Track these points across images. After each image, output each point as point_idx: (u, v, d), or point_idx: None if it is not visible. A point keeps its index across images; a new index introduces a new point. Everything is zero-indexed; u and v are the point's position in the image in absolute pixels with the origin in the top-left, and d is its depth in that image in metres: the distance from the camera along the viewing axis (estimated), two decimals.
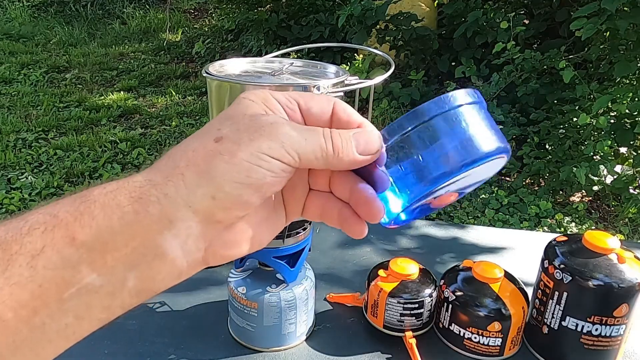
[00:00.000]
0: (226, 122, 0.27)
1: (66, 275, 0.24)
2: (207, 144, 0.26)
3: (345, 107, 0.30)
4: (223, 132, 0.27)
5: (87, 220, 0.25)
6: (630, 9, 2.46)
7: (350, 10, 3.55)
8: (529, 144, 2.96)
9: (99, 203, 0.25)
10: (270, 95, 0.29)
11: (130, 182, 0.26)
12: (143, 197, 0.25)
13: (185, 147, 0.27)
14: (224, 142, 0.26)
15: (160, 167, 0.27)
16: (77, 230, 0.25)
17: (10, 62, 5.00)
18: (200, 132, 0.28)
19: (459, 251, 1.05)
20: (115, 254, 0.25)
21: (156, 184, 0.26)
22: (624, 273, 0.67)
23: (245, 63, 0.77)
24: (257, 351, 0.76)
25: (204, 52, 5.19)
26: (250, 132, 0.26)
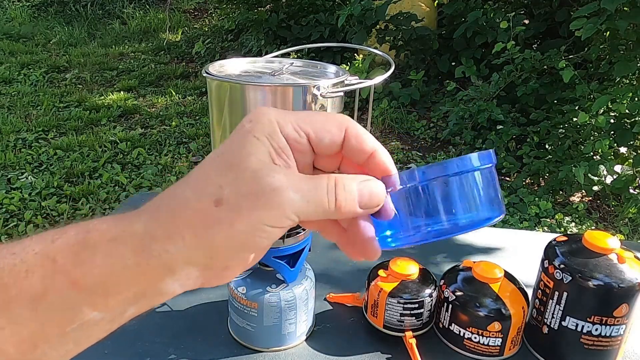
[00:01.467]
0: (227, 176, 0.26)
1: (68, 314, 0.26)
2: (207, 207, 0.26)
3: (357, 132, 0.29)
4: (224, 193, 0.26)
5: (89, 268, 0.25)
6: (630, 9, 2.46)
7: (350, 10, 3.55)
8: (528, 144, 2.96)
9: (100, 252, 0.26)
10: (277, 129, 0.27)
11: (130, 231, 0.26)
12: (145, 250, 0.26)
13: (183, 203, 0.26)
14: (224, 208, 0.26)
15: (158, 218, 0.27)
16: (78, 277, 0.25)
17: (10, 62, 5.00)
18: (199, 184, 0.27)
19: (459, 251, 1.05)
20: (118, 297, 0.26)
21: (157, 239, 0.26)
22: (624, 273, 0.67)
23: (245, 63, 0.77)
24: (257, 351, 0.76)
25: (204, 52, 5.19)
26: (251, 200, 0.26)
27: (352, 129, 0.29)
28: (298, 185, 0.27)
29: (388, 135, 3.59)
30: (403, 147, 3.42)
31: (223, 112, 0.71)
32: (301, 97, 0.67)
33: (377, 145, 0.30)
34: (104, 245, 0.26)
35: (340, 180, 0.28)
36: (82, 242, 0.26)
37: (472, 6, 3.59)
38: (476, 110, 3.16)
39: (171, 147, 3.41)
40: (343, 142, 0.29)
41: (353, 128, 0.29)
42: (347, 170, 0.31)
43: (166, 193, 0.28)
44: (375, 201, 0.29)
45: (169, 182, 2.94)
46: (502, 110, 3.12)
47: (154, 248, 0.26)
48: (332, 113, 0.30)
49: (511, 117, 3.17)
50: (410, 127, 3.64)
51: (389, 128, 3.66)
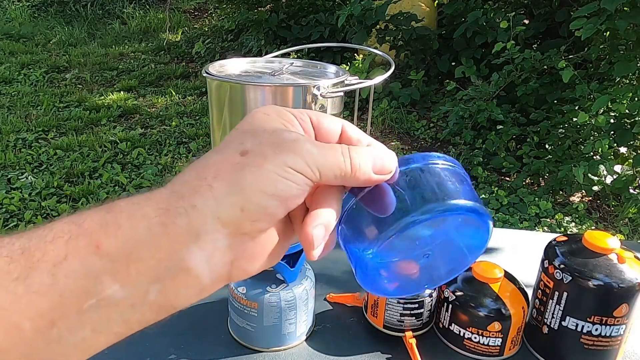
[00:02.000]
0: (247, 136, 0.28)
1: (87, 285, 0.24)
2: (233, 156, 0.27)
3: (354, 127, 0.31)
4: (247, 146, 0.27)
5: (113, 229, 0.25)
6: (630, 9, 2.46)
7: (350, 10, 3.55)
8: (528, 144, 2.96)
9: (125, 213, 0.25)
10: (282, 108, 0.30)
11: (156, 193, 0.26)
12: (170, 208, 0.25)
13: (209, 161, 0.27)
14: (250, 155, 0.27)
15: (185, 179, 0.27)
16: (101, 239, 0.24)
17: (10, 62, 5.00)
18: (222, 147, 0.28)
19: None
20: (140, 265, 0.25)
21: (183, 195, 0.26)
22: (624, 273, 0.67)
23: (245, 63, 0.78)
24: (257, 351, 0.76)
25: (204, 52, 5.19)
26: (274, 147, 0.27)
27: (349, 124, 0.31)
28: (316, 143, 0.28)
29: (388, 135, 3.59)
30: (403, 147, 3.42)
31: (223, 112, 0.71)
32: (301, 97, 0.67)
33: (374, 140, 0.31)
34: (130, 207, 0.26)
35: (352, 147, 0.29)
36: (110, 206, 0.26)
37: (472, 6, 3.59)
38: (476, 110, 3.16)
39: (171, 147, 3.41)
40: (341, 135, 0.31)
41: (349, 124, 0.31)
42: None
43: (191, 164, 0.28)
44: (388, 167, 0.30)
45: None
46: (502, 110, 3.12)
47: (180, 204, 0.25)
48: None
49: (511, 117, 3.17)
50: (410, 127, 3.64)
51: (389, 128, 3.67)
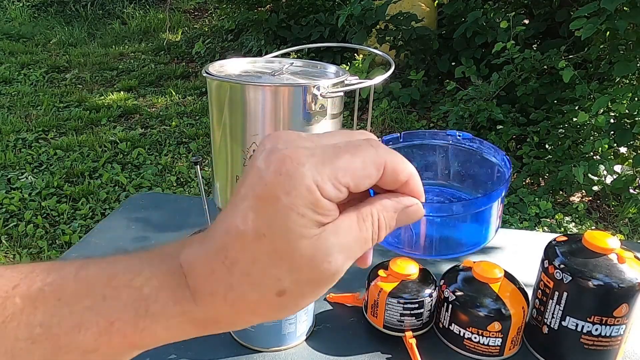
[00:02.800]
0: (282, 266, 0.25)
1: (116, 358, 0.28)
2: (271, 299, 0.26)
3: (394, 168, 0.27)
4: (285, 284, 0.26)
5: (148, 335, 0.27)
6: (629, 9, 2.46)
7: (350, 10, 3.55)
8: (528, 144, 2.96)
9: (162, 325, 0.27)
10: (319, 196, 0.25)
11: (192, 317, 0.27)
12: (208, 328, 0.28)
13: (244, 296, 0.26)
14: (287, 296, 0.26)
15: (217, 307, 0.27)
16: (136, 340, 0.27)
17: (10, 62, 5.00)
18: (253, 276, 0.26)
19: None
20: None
21: (220, 322, 0.28)
22: (624, 273, 0.67)
23: (245, 63, 0.78)
24: (257, 351, 0.76)
25: (204, 52, 5.19)
26: (313, 286, 0.27)
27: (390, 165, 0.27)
28: (350, 250, 0.27)
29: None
30: None
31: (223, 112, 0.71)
32: (301, 97, 0.67)
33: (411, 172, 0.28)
34: (165, 321, 0.27)
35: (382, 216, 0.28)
36: (141, 311, 0.26)
37: (472, 6, 3.59)
38: (476, 110, 3.15)
39: (171, 147, 3.41)
40: None
41: (390, 164, 0.27)
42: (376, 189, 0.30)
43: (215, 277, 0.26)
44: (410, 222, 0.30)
45: (168, 182, 2.94)
46: (502, 110, 3.12)
47: (219, 327, 0.29)
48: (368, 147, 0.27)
49: (511, 117, 3.17)
50: (410, 127, 3.64)
51: (389, 128, 3.66)
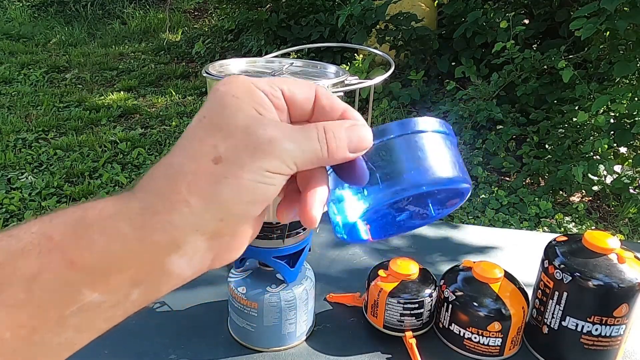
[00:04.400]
0: (218, 135, 0.26)
1: (66, 296, 0.24)
2: (207, 166, 0.25)
3: (327, 93, 0.30)
4: (220, 150, 0.26)
5: (86, 244, 0.24)
6: (629, 9, 2.46)
7: (350, 10, 3.55)
8: (528, 144, 2.96)
9: (97, 227, 0.25)
10: (254, 87, 0.27)
11: (128, 207, 0.25)
12: (146, 225, 0.25)
13: (181, 169, 0.26)
14: (225, 163, 0.25)
15: (157, 190, 0.26)
16: (75, 254, 0.24)
17: (10, 62, 5.00)
18: (192, 148, 0.26)
19: (459, 251, 1.05)
20: (119, 275, 0.25)
21: (158, 211, 0.25)
22: (624, 273, 0.67)
23: (245, 63, 0.78)
24: (257, 351, 0.76)
25: (204, 52, 5.19)
26: (250, 151, 0.26)
27: (321, 90, 0.30)
28: (291, 135, 0.27)
29: None
30: None
31: None
32: None
33: (346, 105, 0.30)
34: (102, 222, 0.25)
35: (328, 128, 0.28)
36: (80, 219, 0.25)
37: (472, 6, 3.59)
38: (476, 110, 3.16)
39: (171, 147, 3.39)
40: (314, 103, 0.29)
41: (322, 89, 0.30)
42: None
43: (158, 165, 0.27)
44: (364, 144, 0.30)
45: None
46: (501, 110, 3.12)
47: (156, 221, 0.25)
48: None
49: (511, 117, 3.17)
50: None
51: None
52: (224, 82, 0.28)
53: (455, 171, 0.32)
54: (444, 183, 0.32)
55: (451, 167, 0.32)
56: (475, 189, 2.88)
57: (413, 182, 0.30)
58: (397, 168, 0.31)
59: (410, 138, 0.32)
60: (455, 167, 0.32)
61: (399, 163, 0.31)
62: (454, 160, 0.32)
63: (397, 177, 0.31)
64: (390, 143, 0.31)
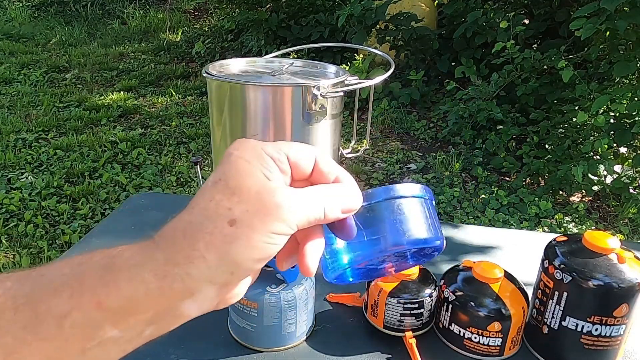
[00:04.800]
0: (233, 199, 0.29)
1: (90, 332, 0.28)
2: (223, 227, 0.29)
3: (326, 159, 0.34)
4: (235, 214, 0.29)
5: (113, 290, 0.28)
6: (629, 9, 2.46)
7: (350, 10, 3.55)
8: (528, 144, 2.96)
9: (124, 276, 0.28)
10: (263, 153, 0.31)
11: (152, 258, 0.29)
12: (168, 275, 0.29)
13: (200, 228, 0.29)
14: (238, 226, 0.29)
15: (176, 245, 0.29)
16: (102, 297, 0.28)
17: (10, 62, 5.00)
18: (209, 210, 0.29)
19: (459, 251, 1.05)
20: (139, 316, 0.29)
21: (178, 263, 0.29)
22: (624, 273, 0.67)
23: (245, 63, 0.78)
24: (257, 351, 0.76)
25: (204, 52, 5.19)
26: (261, 216, 0.29)
27: (321, 155, 0.34)
28: (297, 202, 0.31)
29: (388, 135, 3.59)
30: (403, 147, 3.42)
31: (223, 112, 0.71)
32: (301, 97, 0.67)
33: (341, 169, 0.34)
34: (127, 270, 0.28)
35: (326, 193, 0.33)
36: (107, 266, 0.29)
37: (472, 6, 3.59)
38: (476, 110, 3.16)
39: (171, 147, 3.41)
40: (314, 167, 0.33)
41: (322, 155, 0.34)
42: None
43: (177, 221, 0.30)
44: (354, 207, 0.34)
45: (168, 182, 2.95)
46: (501, 110, 3.12)
47: (177, 272, 0.29)
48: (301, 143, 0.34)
49: (511, 117, 3.17)
50: (410, 127, 3.64)
51: (389, 128, 3.67)
52: (236, 147, 0.31)
53: (430, 232, 0.38)
54: (420, 243, 0.37)
55: (426, 229, 0.38)
56: (475, 189, 2.88)
57: (393, 242, 0.36)
58: (381, 228, 0.36)
59: (393, 203, 0.37)
60: (430, 229, 0.38)
61: (382, 224, 0.37)
62: (429, 222, 0.38)
63: (380, 236, 0.36)
64: (376, 206, 0.37)
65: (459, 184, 2.91)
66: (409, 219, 0.37)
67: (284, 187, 0.31)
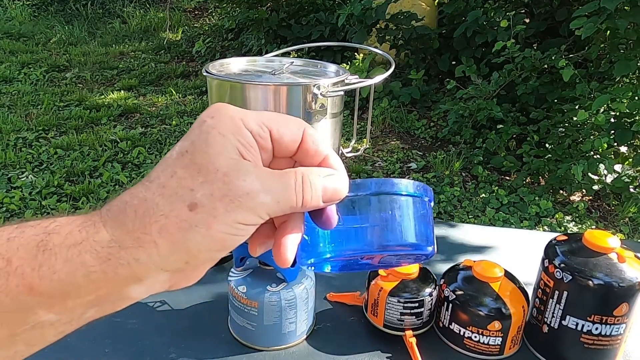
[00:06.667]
0: (197, 178, 0.25)
1: (21, 316, 0.25)
2: (181, 211, 0.25)
3: (314, 137, 0.30)
4: (197, 196, 0.25)
5: (47, 272, 0.24)
6: (629, 8, 2.46)
7: (351, 10, 3.55)
8: (528, 143, 2.96)
9: (60, 257, 0.25)
10: (242, 125, 0.27)
11: (95, 238, 0.25)
12: (112, 258, 0.25)
13: (155, 209, 0.25)
14: (199, 211, 0.25)
15: (126, 224, 0.25)
16: (35, 281, 0.24)
17: (11, 61, 5.00)
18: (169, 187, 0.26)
19: (459, 250, 1.05)
20: (77, 300, 0.25)
21: (125, 247, 0.25)
22: (624, 272, 0.67)
23: (245, 62, 0.78)
24: (258, 350, 0.76)
25: (204, 51, 5.19)
26: (226, 203, 0.25)
27: (310, 131, 0.29)
28: (269, 186, 0.27)
29: (388, 135, 3.59)
30: (403, 146, 3.42)
31: None
32: (301, 96, 0.67)
33: (330, 150, 0.30)
34: (65, 250, 0.25)
35: (306, 176, 0.28)
36: (41, 244, 0.25)
37: (473, 5, 3.59)
38: (476, 109, 3.16)
39: (171, 146, 3.40)
40: (300, 145, 0.29)
41: (310, 130, 0.30)
42: None
43: (131, 195, 0.26)
44: (337, 196, 0.30)
45: None
46: (502, 109, 3.12)
47: (122, 256, 0.25)
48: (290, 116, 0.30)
49: (511, 116, 3.17)
50: (411, 126, 3.64)
51: (389, 127, 3.66)
52: (212, 114, 0.27)
53: (419, 237, 0.33)
54: (406, 246, 0.33)
55: (414, 233, 0.33)
56: (475, 188, 2.88)
57: (376, 243, 0.32)
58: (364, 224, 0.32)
59: (383, 199, 0.32)
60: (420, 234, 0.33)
61: (367, 220, 0.32)
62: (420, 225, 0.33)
63: (362, 234, 0.32)
64: (363, 199, 0.32)
65: (459, 183, 2.91)
66: (399, 219, 0.33)
67: (258, 169, 0.27)
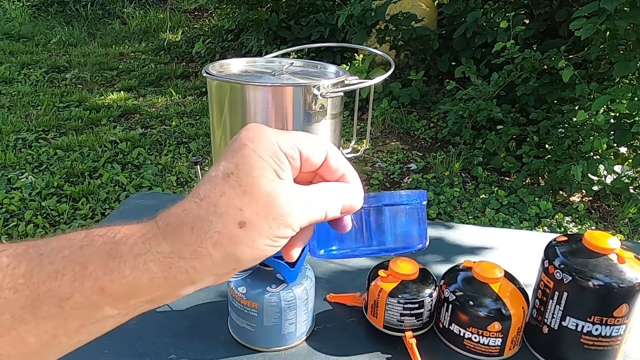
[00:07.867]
0: (244, 199, 0.30)
1: (90, 312, 0.29)
2: (232, 228, 0.30)
3: (336, 156, 0.35)
4: (245, 215, 0.30)
5: (117, 277, 0.29)
6: (629, 9, 2.46)
7: (350, 10, 3.55)
8: (528, 144, 2.96)
9: (128, 264, 0.29)
10: (278, 148, 0.31)
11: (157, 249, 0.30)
12: (172, 267, 0.30)
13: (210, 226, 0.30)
14: (247, 228, 0.30)
15: (183, 238, 0.30)
16: (106, 284, 0.29)
17: (11, 62, 5.00)
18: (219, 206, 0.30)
19: (459, 251, 1.05)
20: (139, 299, 0.30)
21: (184, 257, 0.30)
22: (624, 273, 0.67)
23: (245, 63, 0.78)
24: (257, 351, 0.76)
25: (204, 52, 5.19)
26: (270, 221, 0.30)
27: (333, 152, 0.35)
28: (303, 207, 0.32)
29: (388, 135, 3.59)
30: (403, 147, 3.42)
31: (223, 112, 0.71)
32: (301, 97, 0.67)
33: (349, 167, 0.35)
34: (132, 259, 0.29)
35: (330, 192, 0.34)
36: (111, 253, 0.29)
37: (472, 6, 3.59)
38: (476, 109, 3.16)
39: (171, 147, 3.41)
40: (323, 162, 0.34)
41: (333, 149, 0.35)
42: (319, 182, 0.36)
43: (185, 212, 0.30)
44: (353, 209, 0.35)
45: (168, 182, 2.95)
46: (501, 109, 3.12)
47: (181, 265, 0.30)
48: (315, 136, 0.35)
49: (511, 117, 3.17)
50: (411, 127, 3.64)
51: (389, 128, 3.67)
52: (251, 138, 0.31)
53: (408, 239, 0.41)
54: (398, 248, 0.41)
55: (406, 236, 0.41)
56: (475, 189, 2.88)
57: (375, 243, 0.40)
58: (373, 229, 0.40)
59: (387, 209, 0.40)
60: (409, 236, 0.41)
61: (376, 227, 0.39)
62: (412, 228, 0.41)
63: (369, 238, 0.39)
64: (374, 210, 0.39)
65: (459, 183, 2.91)
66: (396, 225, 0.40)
67: (293, 190, 0.31)
